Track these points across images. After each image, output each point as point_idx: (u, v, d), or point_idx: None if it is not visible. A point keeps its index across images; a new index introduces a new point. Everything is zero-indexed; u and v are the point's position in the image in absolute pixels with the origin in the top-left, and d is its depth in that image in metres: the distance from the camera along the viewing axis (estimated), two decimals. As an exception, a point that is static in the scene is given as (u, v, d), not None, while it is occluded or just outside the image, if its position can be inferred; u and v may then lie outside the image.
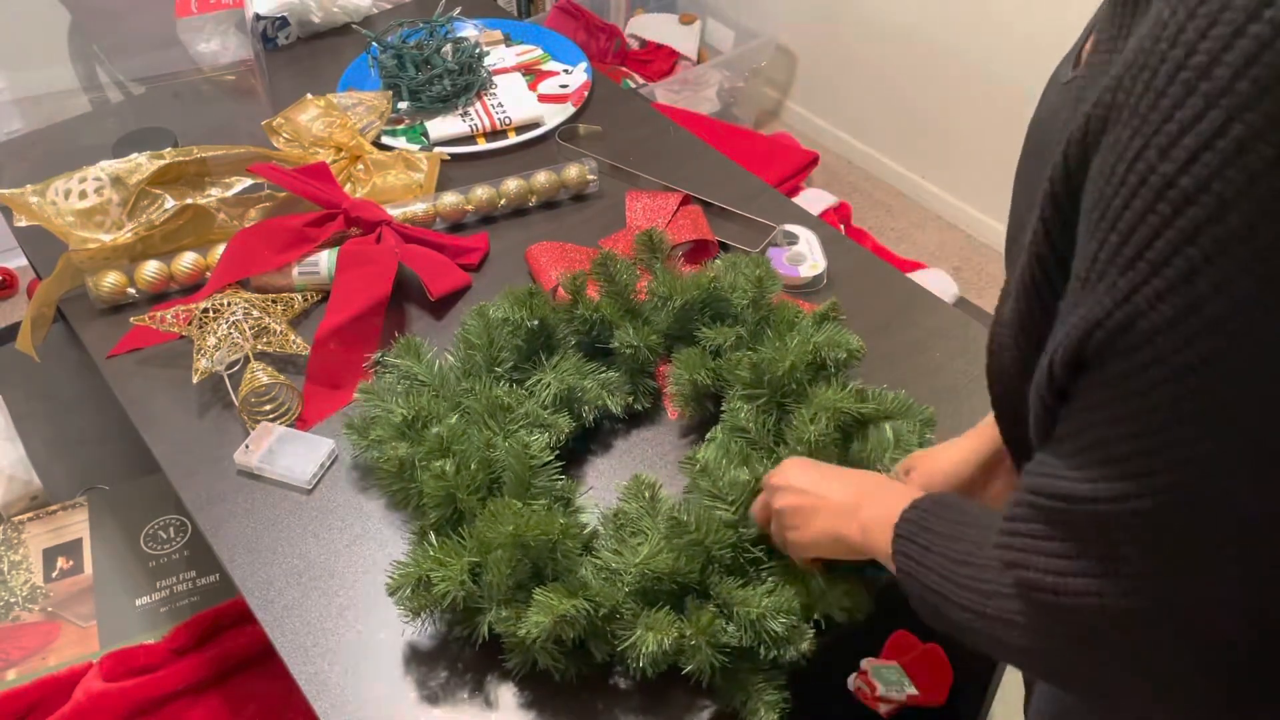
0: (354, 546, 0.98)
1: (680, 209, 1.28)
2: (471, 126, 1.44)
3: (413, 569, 0.85)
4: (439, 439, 0.94)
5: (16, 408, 1.42)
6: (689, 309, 1.07)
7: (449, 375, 1.03)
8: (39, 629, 1.19)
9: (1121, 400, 0.46)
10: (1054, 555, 0.51)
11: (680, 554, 0.85)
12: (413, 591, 0.85)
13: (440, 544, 0.86)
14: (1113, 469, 0.47)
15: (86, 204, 1.20)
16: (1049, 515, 0.51)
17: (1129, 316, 0.44)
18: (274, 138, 1.36)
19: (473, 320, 1.05)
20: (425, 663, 0.89)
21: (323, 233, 1.21)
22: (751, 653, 0.84)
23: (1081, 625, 0.51)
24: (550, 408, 1.00)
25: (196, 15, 1.58)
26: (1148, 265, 0.43)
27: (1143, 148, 0.43)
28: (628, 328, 1.04)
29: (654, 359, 1.06)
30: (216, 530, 1.00)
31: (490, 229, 1.31)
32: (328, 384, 1.11)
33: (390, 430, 0.97)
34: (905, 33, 2.42)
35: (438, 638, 0.90)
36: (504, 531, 0.82)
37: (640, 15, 2.82)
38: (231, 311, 1.13)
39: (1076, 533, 0.50)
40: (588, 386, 1.02)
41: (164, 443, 1.08)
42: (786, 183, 2.28)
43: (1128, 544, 0.48)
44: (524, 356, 1.04)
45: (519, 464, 0.90)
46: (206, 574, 1.24)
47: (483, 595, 0.85)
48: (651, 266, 1.10)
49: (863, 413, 0.93)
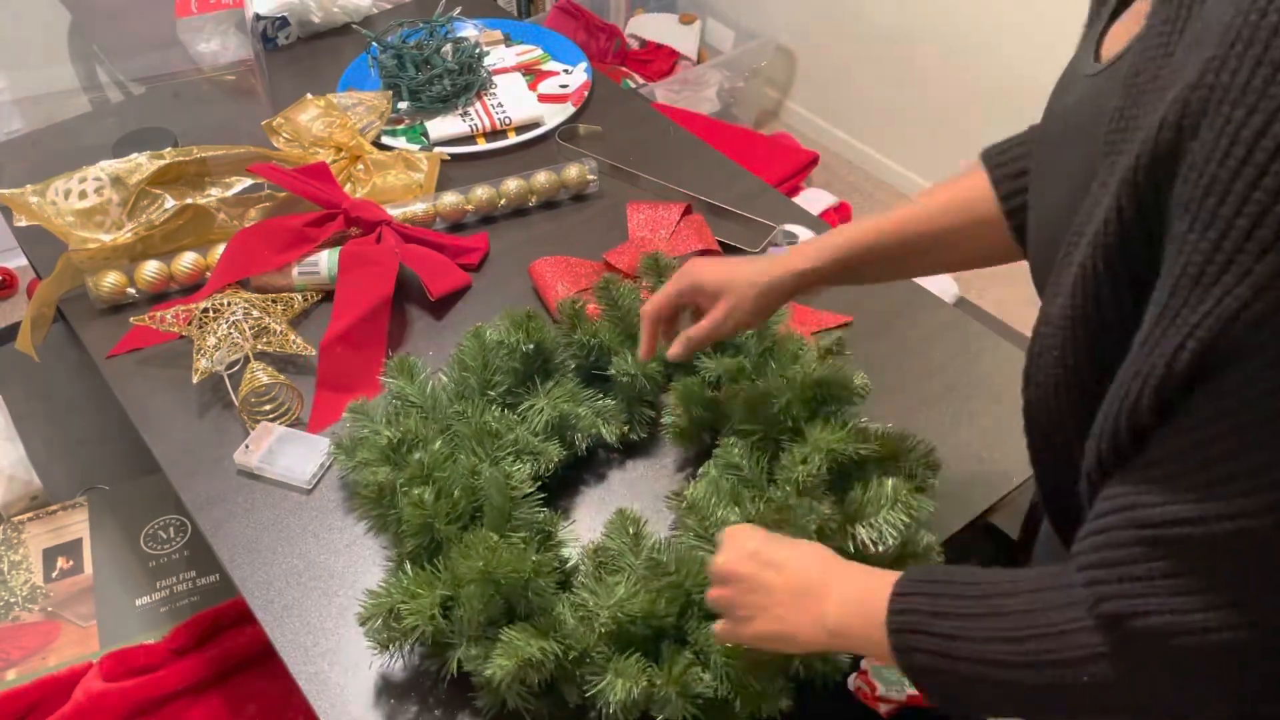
0: (354, 546, 0.98)
1: (683, 219, 1.28)
2: (471, 126, 1.44)
3: (384, 599, 0.83)
4: (420, 465, 0.91)
5: (16, 408, 1.42)
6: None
7: (441, 396, 1.00)
8: (39, 629, 1.19)
9: (1248, 407, 0.43)
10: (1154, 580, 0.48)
11: (658, 596, 0.81)
12: (382, 623, 0.83)
13: (415, 574, 0.84)
14: (1224, 488, 0.45)
15: (86, 204, 1.20)
16: (1144, 541, 0.49)
17: (1271, 305, 0.40)
18: (274, 138, 1.36)
19: (469, 341, 1.03)
20: (403, 685, 0.89)
21: (323, 233, 1.21)
22: (726, 705, 0.79)
23: (1180, 650, 0.48)
24: (541, 435, 0.97)
25: (196, 15, 1.58)
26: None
27: (1267, 123, 0.39)
28: (626, 355, 1.02)
29: (652, 388, 1.03)
30: (216, 530, 1.00)
31: (490, 229, 1.31)
32: (339, 387, 1.11)
33: (375, 453, 0.95)
34: (905, 33, 2.42)
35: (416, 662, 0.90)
36: (474, 567, 0.80)
37: (640, 15, 2.82)
38: (231, 311, 1.13)
39: (1180, 557, 0.47)
40: (582, 414, 0.99)
41: (164, 443, 1.07)
42: (786, 183, 2.28)
43: (1234, 566, 0.46)
44: (519, 380, 1.01)
45: (499, 495, 0.87)
46: (206, 574, 1.24)
47: (454, 631, 0.82)
48: (656, 290, 1.09)
49: (861, 453, 0.88)
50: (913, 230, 0.82)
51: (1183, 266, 0.43)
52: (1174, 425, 0.46)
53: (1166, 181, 0.44)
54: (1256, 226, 0.40)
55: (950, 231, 0.81)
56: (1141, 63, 0.48)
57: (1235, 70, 0.40)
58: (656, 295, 0.90)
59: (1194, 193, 0.42)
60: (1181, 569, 0.47)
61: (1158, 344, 0.45)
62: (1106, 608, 0.51)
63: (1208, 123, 0.41)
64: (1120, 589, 0.50)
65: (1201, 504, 0.45)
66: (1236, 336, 0.42)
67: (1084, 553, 0.53)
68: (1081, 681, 0.53)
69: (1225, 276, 0.41)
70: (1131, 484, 0.49)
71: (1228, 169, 0.40)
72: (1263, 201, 0.39)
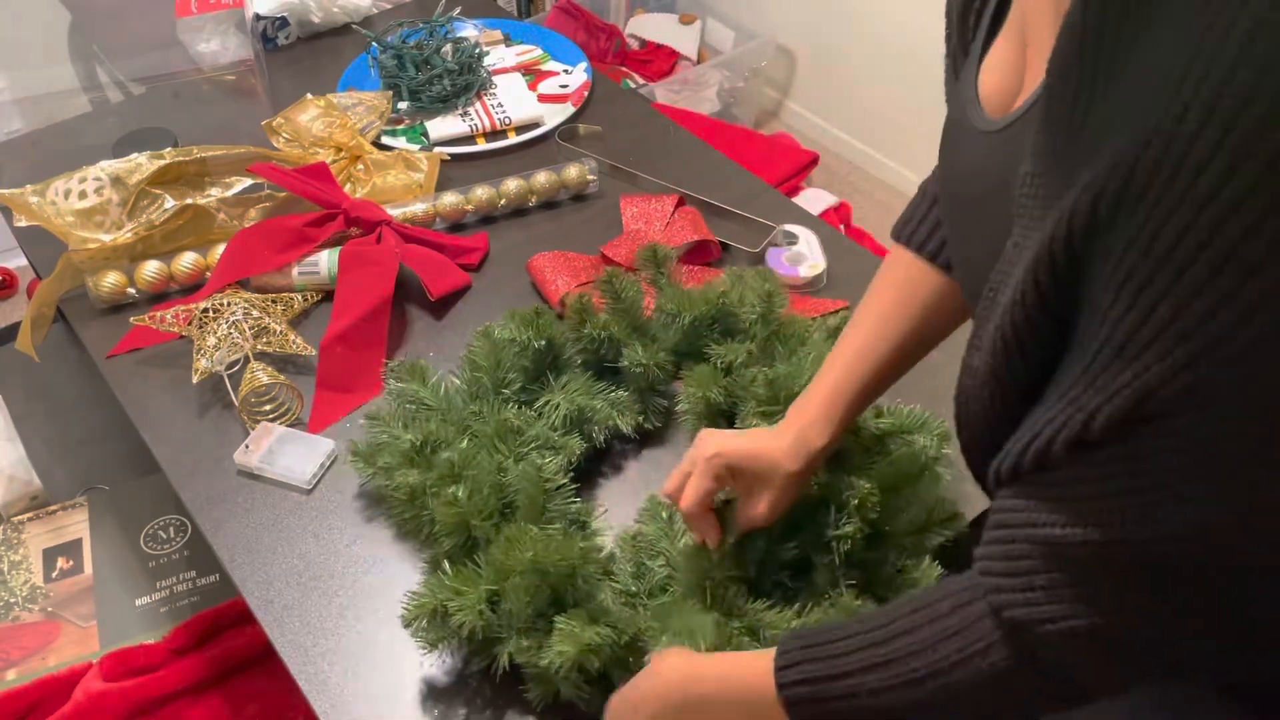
0: (354, 546, 0.98)
1: (677, 210, 1.28)
2: (471, 126, 1.44)
3: (428, 599, 0.82)
4: (450, 464, 0.91)
5: (16, 408, 1.42)
6: (698, 325, 1.05)
7: (455, 398, 1.01)
8: (39, 629, 1.19)
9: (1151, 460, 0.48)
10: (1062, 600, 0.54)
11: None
12: (429, 623, 0.83)
13: (455, 572, 0.84)
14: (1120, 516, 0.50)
15: (86, 204, 1.20)
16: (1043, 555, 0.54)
17: (1187, 385, 0.44)
18: (274, 138, 1.36)
19: (479, 342, 1.03)
20: (403, 684, 0.89)
21: (323, 233, 1.21)
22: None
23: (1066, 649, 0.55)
24: (560, 429, 0.98)
25: (196, 15, 1.58)
26: (1208, 338, 0.43)
27: (1191, 222, 0.42)
28: (636, 346, 1.02)
29: (664, 377, 1.04)
30: (216, 530, 1.00)
31: (490, 229, 1.31)
32: (339, 388, 1.11)
33: (398, 457, 0.95)
34: (905, 33, 2.42)
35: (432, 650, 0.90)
36: (522, 558, 0.80)
37: (640, 15, 2.82)
38: (231, 311, 1.13)
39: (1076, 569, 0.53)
40: (598, 406, 1.00)
41: (164, 443, 1.07)
42: (786, 183, 2.28)
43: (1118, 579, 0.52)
44: (531, 378, 1.02)
45: (533, 487, 0.88)
46: (206, 574, 1.24)
47: (501, 624, 0.83)
48: (657, 281, 1.09)
49: (881, 428, 0.92)
50: (882, 348, 0.83)
51: (1106, 336, 0.47)
52: (1081, 461, 0.51)
53: (1086, 260, 0.47)
54: (1176, 318, 0.43)
55: (914, 320, 0.83)
56: (1049, 133, 0.50)
57: (1152, 171, 0.42)
58: (688, 490, 0.82)
59: (1116, 276, 0.45)
60: (1079, 579, 0.53)
61: (1076, 400, 0.49)
62: (1010, 614, 0.56)
63: (1125, 215, 0.44)
64: (1024, 598, 0.55)
65: (1100, 528, 0.51)
66: (1152, 406, 0.46)
67: (987, 559, 0.58)
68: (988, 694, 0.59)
69: (1145, 354, 0.45)
70: (1034, 500, 0.54)
71: (1151, 260, 0.43)
72: (1181, 297, 0.43)
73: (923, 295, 0.82)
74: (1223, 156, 0.40)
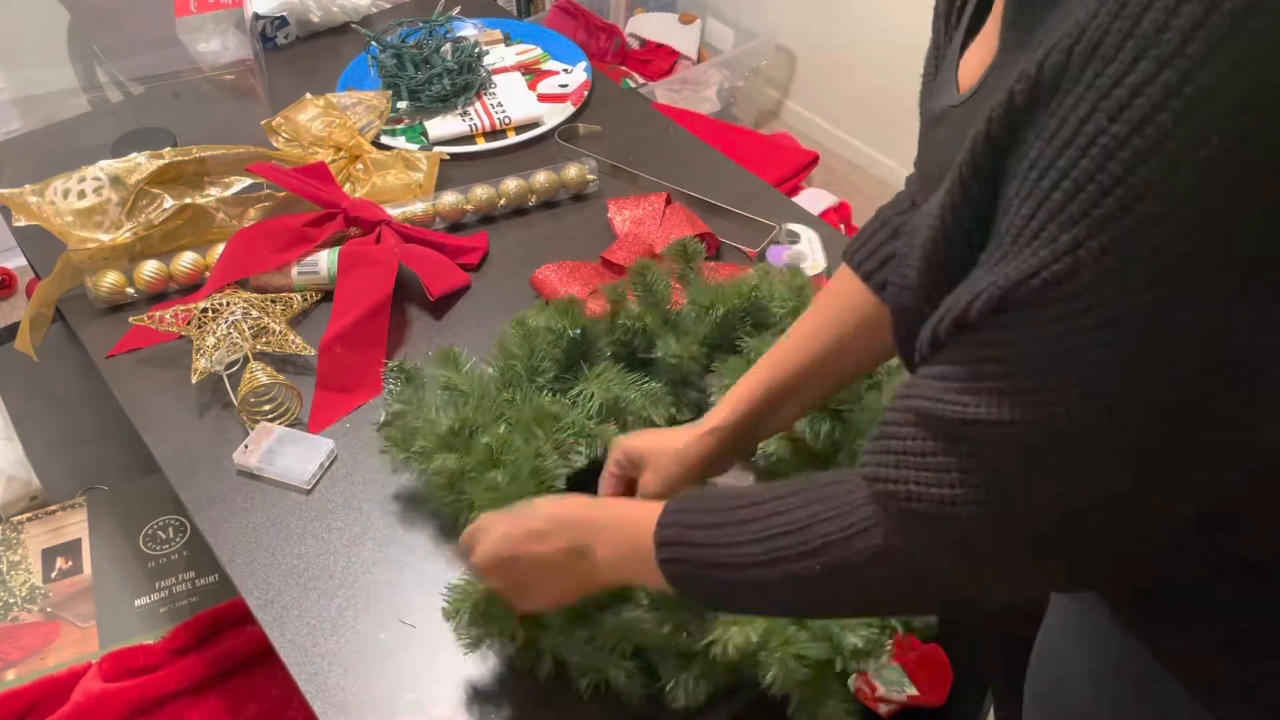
0: (354, 546, 0.98)
1: (668, 207, 1.28)
2: (471, 126, 1.44)
3: (469, 591, 0.81)
4: (488, 449, 0.91)
5: (16, 408, 1.42)
6: (730, 318, 1.05)
7: (489, 386, 1.01)
8: (38, 629, 1.19)
9: (1038, 343, 0.48)
10: (929, 469, 0.54)
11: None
12: (469, 619, 0.81)
13: None
14: (1008, 401, 0.50)
15: (85, 204, 1.20)
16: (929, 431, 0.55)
17: (1069, 268, 0.46)
18: (273, 137, 1.36)
19: (513, 329, 1.03)
20: (403, 685, 0.89)
21: (322, 232, 1.21)
22: (827, 666, 0.80)
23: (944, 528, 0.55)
24: (596, 417, 0.99)
25: (196, 15, 1.58)
26: (1093, 221, 0.44)
27: (1090, 111, 0.44)
28: (669, 338, 1.03)
29: (698, 369, 1.04)
30: (216, 530, 0.99)
31: (490, 229, 1.31)
32: (338, 388, 1.10)
33: (435, 441, 0.94)
34: (905, 33, 2.42)
35: (441, 641, 0.90)
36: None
37: (640, 15, 2.82)
38: (231, 311, 1.12)
39: (955, 449, 0.53)
40: (632, 397, 1.00)
41: (163, 443, 1.07)
42: (786, 183, 2.28)
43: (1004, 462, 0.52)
44: (564, 367, 1.03)
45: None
46: (206, 574, 1.24)
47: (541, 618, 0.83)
48: (686, 276, 1.09)
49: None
50: (798, 357, 0.86)
51: (1007, 225, 0.49)
52: (960, 342, 0.53)
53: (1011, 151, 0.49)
54: (1069, 201, 0.45)
55: (839, 340, 0.85)
56: (998, 91, 0.52)
57: (1064, 64, 0.45)
58: (604, 477, 0.92)
59: (1023, 167, 0.48)
60: (949, 450, 0.54)
61: (970, 284, 0.52)
62: (879, 487, 0.57)
63: (1039, 110, 0.47)
64: (896, 473, 0.56)
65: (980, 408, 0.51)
66: (1034, 288, 0.47)
67: (872, 439, 0.59)
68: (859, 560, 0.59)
69: (1036, 240, 0.47)
70: (920, 378, 0.56)
71: (1053, 148, 0.46)
72: (1079, 180, 0.45)
73: (855, 319, 0.84)
74: (1129, 48, 0.42)
